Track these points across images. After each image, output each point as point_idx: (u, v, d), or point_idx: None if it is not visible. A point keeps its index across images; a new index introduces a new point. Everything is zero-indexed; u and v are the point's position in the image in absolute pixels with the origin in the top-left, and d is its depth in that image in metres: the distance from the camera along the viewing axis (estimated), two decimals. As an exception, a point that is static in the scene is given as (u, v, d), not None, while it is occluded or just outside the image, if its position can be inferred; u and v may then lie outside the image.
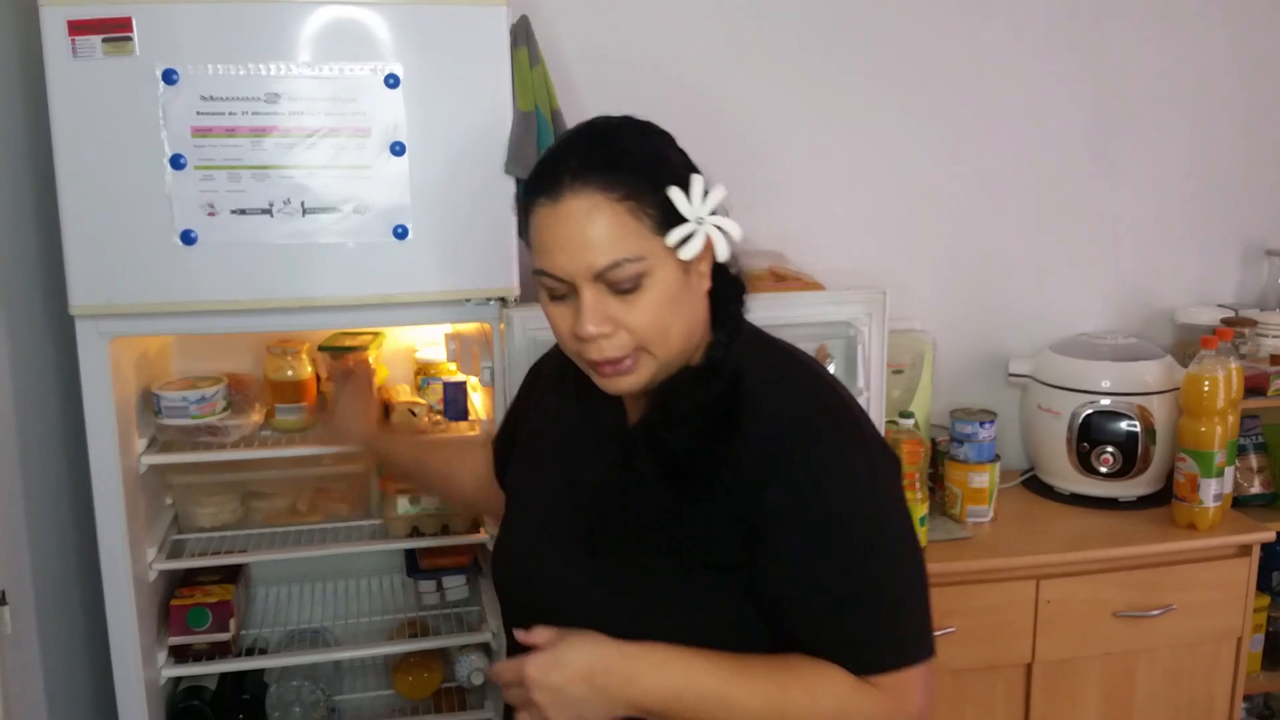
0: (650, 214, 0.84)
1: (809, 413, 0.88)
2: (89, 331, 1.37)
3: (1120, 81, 2.05)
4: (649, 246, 0.84)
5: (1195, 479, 1.76)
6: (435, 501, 1.63)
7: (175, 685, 1.64)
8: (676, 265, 0.86)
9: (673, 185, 0.85)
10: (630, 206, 0.84)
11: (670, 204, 0.84)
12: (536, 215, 0.86)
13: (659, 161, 0.87)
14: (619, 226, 0.83)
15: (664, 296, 0.86)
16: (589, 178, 0.83)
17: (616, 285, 0.84)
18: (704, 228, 0.86)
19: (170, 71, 1.31)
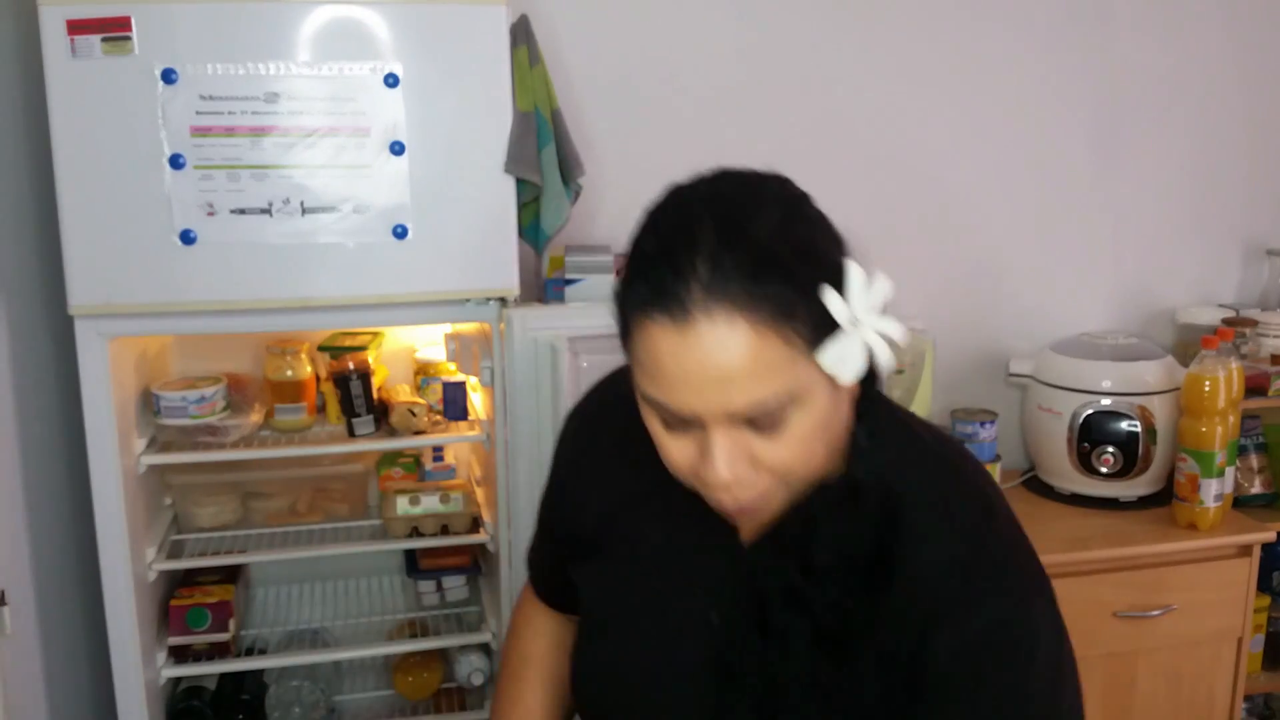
0: (801, 332, 0.65)
1: (983, 556, 0.72)
2: (88, 331, 1.37)
3: (1121, 81, 2.05)
4: (799, 374, 0.66)
5: (1196, 479, 1.76)
6: (435, 502, 1.63)
7: (175, 685, 1.64)
8: (828, 385, 0.68)
9: (826, 285, 0.66)
10: (778, 328, 0.64)
11: (824, 309, 0.66)
12: (651, 334, 0.66)
13: (809, 254, 0.67)
14: (765, 357, 0.64)
15: (812, 426, 0.68)
16: (726, 292, 0.63)
17: (758, 422, 0.67)
18: (864, 334, 0.67)
19: (169, 71, 1.31)
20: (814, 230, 0.70)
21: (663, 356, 0.65)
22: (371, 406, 1.58)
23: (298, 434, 1.61)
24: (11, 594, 1.29)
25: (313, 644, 1.66)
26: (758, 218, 0.67)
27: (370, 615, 1.75)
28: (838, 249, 0.70)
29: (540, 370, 1.47)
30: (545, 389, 1.47)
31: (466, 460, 1.86)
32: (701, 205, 0.69)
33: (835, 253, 0.69)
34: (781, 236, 0.66)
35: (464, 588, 1.79)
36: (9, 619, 1.27)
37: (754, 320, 0.63)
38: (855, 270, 0.68)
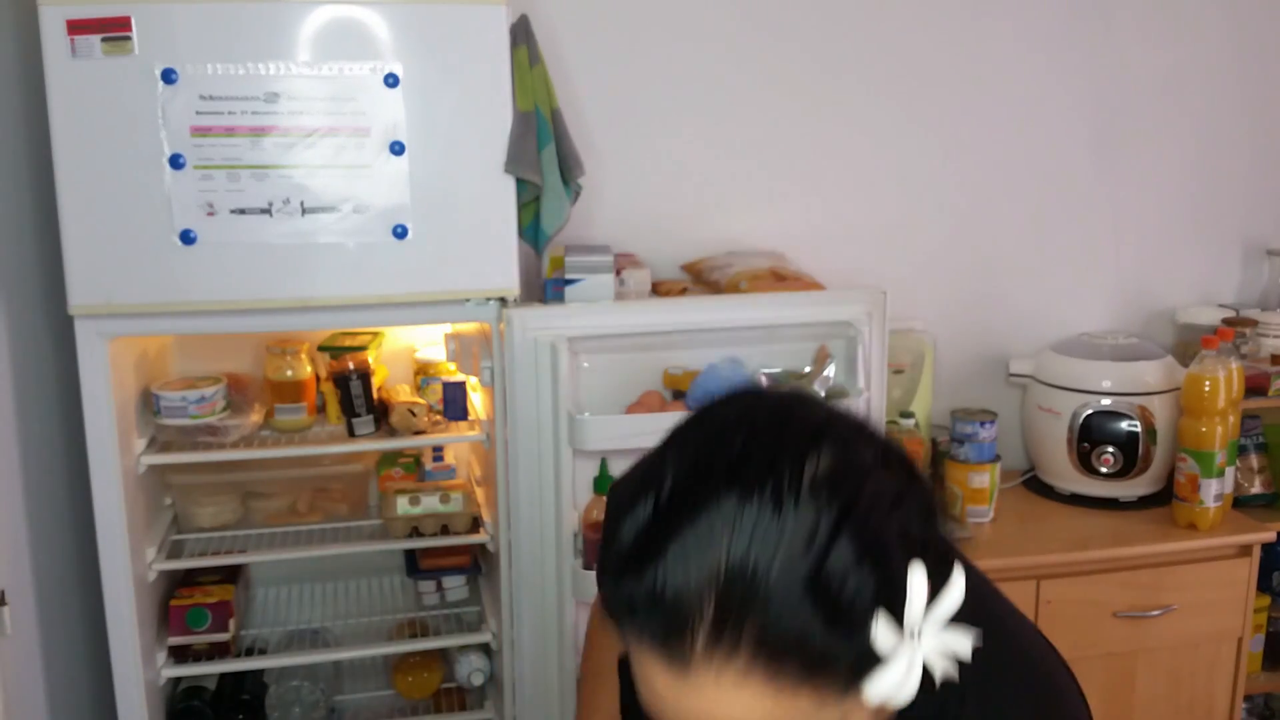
0: (842, 674, 0.53)
1: None
2: (88, 331, 1.37)
3: (1121, 81, 2.05)
4: (832, 716, 0.54)
5: (1196, 479, 1.76)
6: (435, 502, 1.63)
7: (175, 685, 1.64)
8: (871, 711, 0.55)
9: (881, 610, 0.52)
10: (811, 682, 0.52)
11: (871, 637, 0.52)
12: (645, 662, 0.55)
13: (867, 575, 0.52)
14: (787, 711, 0.53)
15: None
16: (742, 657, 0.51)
17: None
18: (923, 652, 0.53)
19: (169, 71, 1.31)
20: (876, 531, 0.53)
21: (659, 691, 0.54)
22: (371, 406, 1.58)
23: (298, 434, 1.61)
24: (11, 594, 1.29)
25: (313, 644, 1.66)
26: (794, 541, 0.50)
27: (370, 615, 1.75)
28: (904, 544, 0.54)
29: (540, 370, 1.47)
30: (545, 389, 1.48)
31: (466, 460, 1.86)
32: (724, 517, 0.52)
33: (898, 555, 0.53)
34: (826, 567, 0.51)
35: (464, 588, 1.79)
36: (8, 619, 1.27)
37: (778, 683, 0.51)
38: (918, 580, 0.53)
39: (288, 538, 1.65)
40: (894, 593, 0.52)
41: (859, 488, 0.53)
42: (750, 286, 1.63)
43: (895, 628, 0.51)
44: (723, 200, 1.90)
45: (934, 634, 0.53)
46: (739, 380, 1.52)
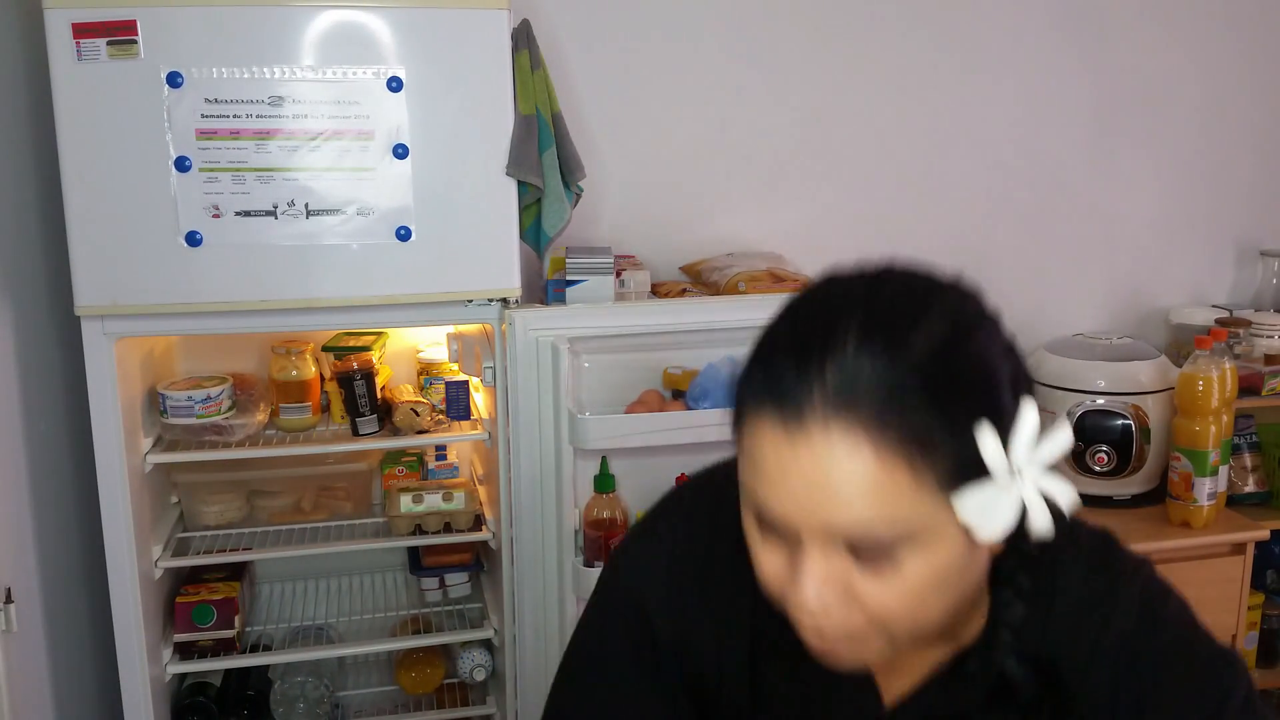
0: (938, 468, 0.55)
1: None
2: (94, 332, 1.38)
3: (1117, 82, 2.06)
4: (923, 512, 0.56)
5: (1189, 478, 1.78)
6: (438, 500, 1.64)
7: (180, 682, 1.66)
8: (961, 535, 0.57)
9: (986, 421, 0.55)
10: (909, 459, 0.55)
11: (975, 449, 0.55)
12: (761, 430, 0.58)
13: (969, 382, 0.57)
14: (884, 485, 0.55)
15: (929, 575, 0.57)
16: (852, 409, 0.54)
17: (861, 551, 0.57)
18: (1022, 488, 0.56)
19: (175, 74, 1.32)
20: (985, 358, 0.58)
21: (767, 457, 0.57)
22: (375, 406, 1.60)
23: (302, 433, 1.63)
24: (17, 591, 1.31)
25: (317, 640, 1.68)
26: (916, 329, 0.56)
27: (374, 612, 1.77)
28: (1013, 385, 0.58)
29: (542, 370, 1.49)
30: (546, 388, 1.49)
31: (469, 459, 1.87)
32: (853, 301, 0.58)
33: (1007, 388, 0.58)
34: (938, 356, 0.55)
35: (466, 584, 1.81)
36: (15, 617, 1.28)
37: (880, 445, 0.54)
38: (1030, 413, 0.57)
39: (292, 535, 1.67)
40: (1001, 414, 0.56)
41: (982, 317, 0.60)
42: (749, 288, 1.65)
43: (999, 447, 0.55)
44: (722, 203, 1.92)
45: (1036, 470, 0.56)
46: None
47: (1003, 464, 0.55)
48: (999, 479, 0.56)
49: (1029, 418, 0.57)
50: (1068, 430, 0.57)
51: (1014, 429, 0.57)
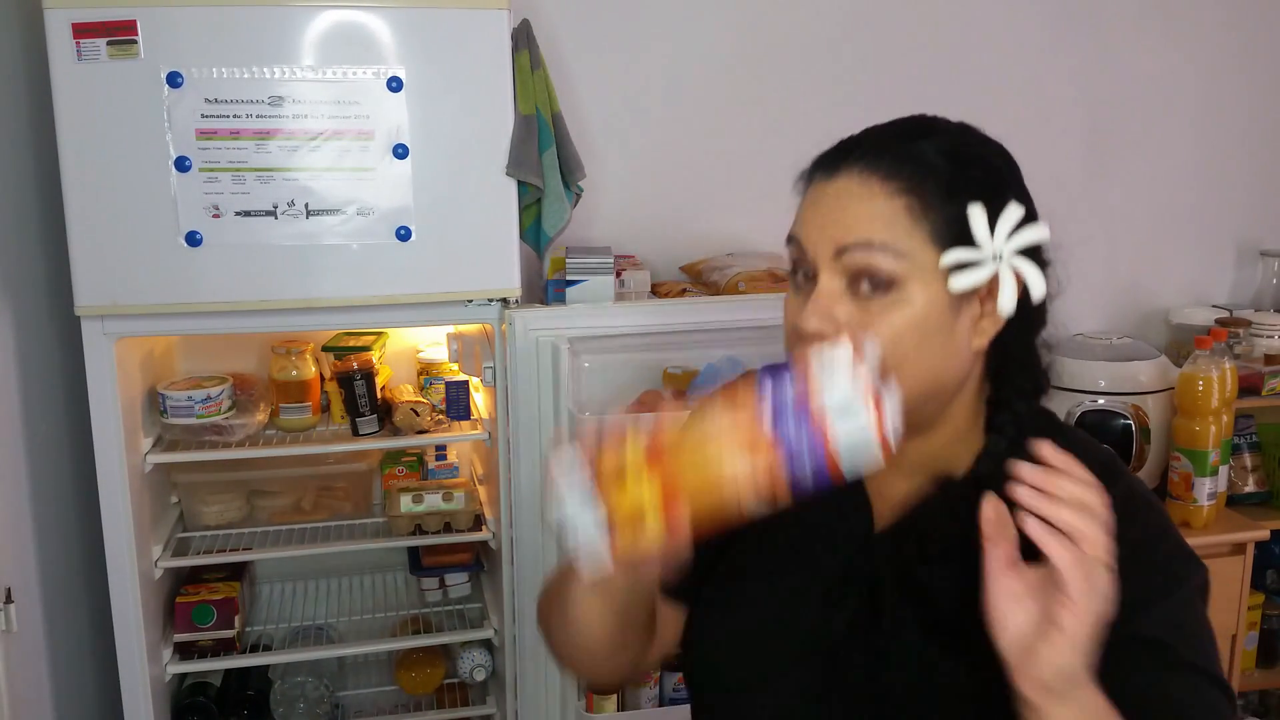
0: (934, 221, 0.68)
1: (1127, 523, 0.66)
2: (94, 332, 1.38)
3: (1116, 82, 2.06)
4: (915, 249, 0.68)
5: (1190, 478, 1.78)
6: (438, 500, 1.64)
7: (180, 682, 1.66)
8: (944, 293, 0.68)
9: (977, 201, 0.68)
10: (910, 203, 0.68)
11: (965, 223, 0.68)
12: (807, 193, 0.74)
13: (972, 171, 0.71)
14: (887, 215, 0.68)
15: (913, 319, 0.68)
16: (875, 163, 0.69)
17: (859, 277, 0.68)
18: (997, 264, 0.69)
19: (175, 74, 1.32)
20: (992, 163, 0.72)
21: (805, 202, 0.74)
22: (375, 406, 1.60)
23: (302, 433, 1.63)
24: (17, 592, 1.31)
25: (317, 640, 1.68)
26: (947, 132, 0.73)
27: (374, 612, 1.77)
28: (1012, 190, 0.72)
29: (542, 370, 1.49)
30: (547, 389, 1.49)
31: (469, 459, 1.87)
32: (898, 119, 0.74)
33: (1004, 187, 0.71)
34: (955, 146, 0.71)
35: (466, 585, 1.81)
36: (15, 617, 1.28)
37: (890, 186, 0.69)
38: (1015, 209, 0.69)
39: (292, 535, 1.67)
40: (993, 205, 0.69)
41: (1004, 153, 0.75)
42: (749, 287, 1.65)
43: (984, 223, 0.68)
44: (721, 203, 1.92)
45: (1013, 250, 0.69)
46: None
47: (985, 238, 0.68)
48: (981, 249, 0.69)
49: (1014, 212, 0.69)
50: (1045, 227, 0.70)
51: (1001, 215, 0.69)
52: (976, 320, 0.72)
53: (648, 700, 1.58)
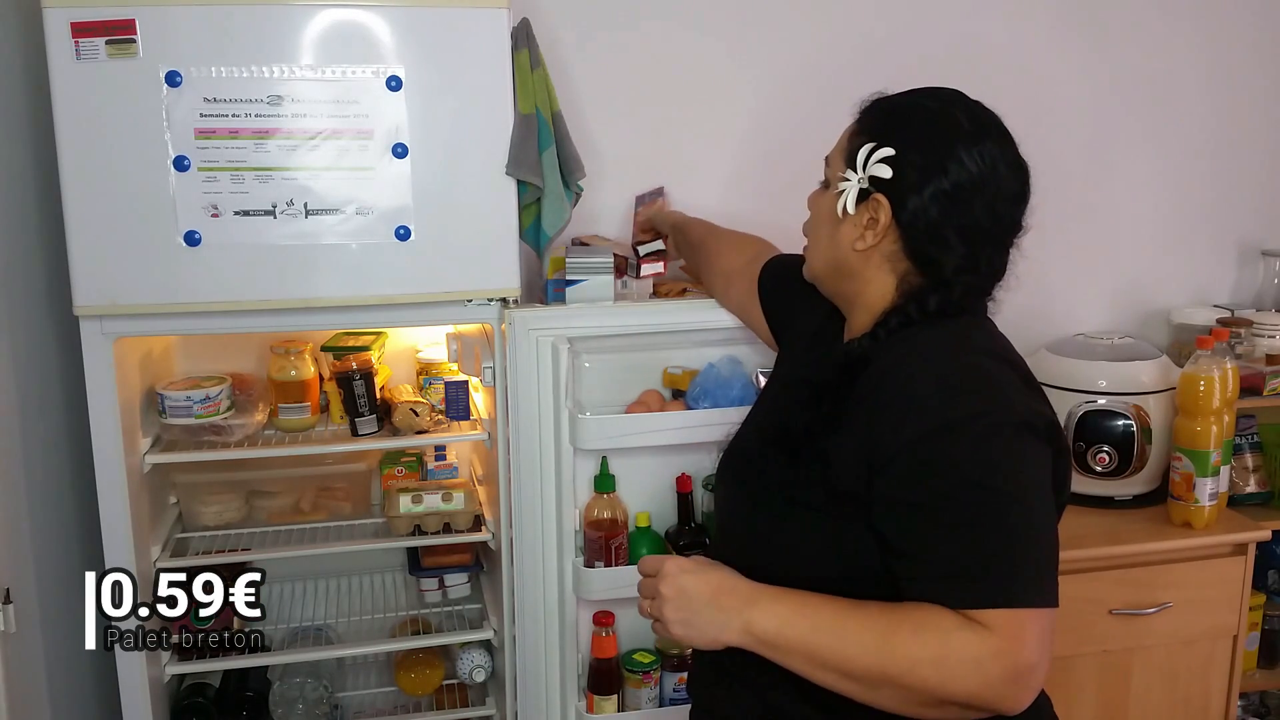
0: (852, 147, 0.99)
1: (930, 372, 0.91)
2: (93, 332, 1.38)
3: (1118, 82, 2.06)
4: (839, 166, 1.02)
5: (1191, 478, 1.78)
6: (437, 500, 1.64)
7: (179, 682, 1.65)
8: (834, 200, 1.01)
9: (875, 141, 0.97)
10: (853, 132, 1.01)
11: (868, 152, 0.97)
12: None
13: (902, 118, 0.98)
14: (843, 140, 1.03)
15: (819, 211, 1.05)
16: (862, 109, 1.04)
17: (825, 184, 1.05)
18: (850, 185, 0.99)
19: (173, 74, 1.32)
20: (912, 119, 0.98)
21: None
22: (374, 406, 1.60)
23: (301, 433, 1.62)
24: (15, 592, 1.31)
25: (316, 641, 1.68)
26: (911, 92, 1.02)
27: (373, 612, 1.77)
28: (911, 139, 0.96)
29: (542, 370, 1.48)
30: (546, 388, 1.49)
31: (468, 459, 1.87)
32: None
33: (905, 135, 0.97)
34: (897, 103, 1.01)
35: (466, 585, 1.80)
36: (13, 617, 1.28)
37: (856, 121, 1.03)
38: (884, 149, 0.96)
39: (291, 536, 1.66)
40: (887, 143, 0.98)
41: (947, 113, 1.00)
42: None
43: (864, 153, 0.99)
44: (722, 202, 1.92)
45: (865, 171, 0.98)
46: (738, 380, 1.53)
47: (860, 164, 0.99)
48: (856, 170, 0.99)
49: (881, 150, 0.97)
50: (887, 168, 0.96)
51: (874, 151, 0.98)
52: (862, 228, 0.98)
53: (648, 700, 1.58)
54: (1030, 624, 0.82)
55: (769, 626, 0.88)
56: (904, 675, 0.82)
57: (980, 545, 0.84)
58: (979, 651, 0.81)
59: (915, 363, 0.92)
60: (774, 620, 0.88)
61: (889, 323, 0.97)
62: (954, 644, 0.81)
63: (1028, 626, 0.82)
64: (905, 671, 0.82)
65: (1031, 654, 0.82)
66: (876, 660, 0.83)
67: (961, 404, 0.87)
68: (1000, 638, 0.81)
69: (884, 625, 0.84)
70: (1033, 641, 0.82)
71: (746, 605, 0.89)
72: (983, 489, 0.84)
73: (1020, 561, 0.84)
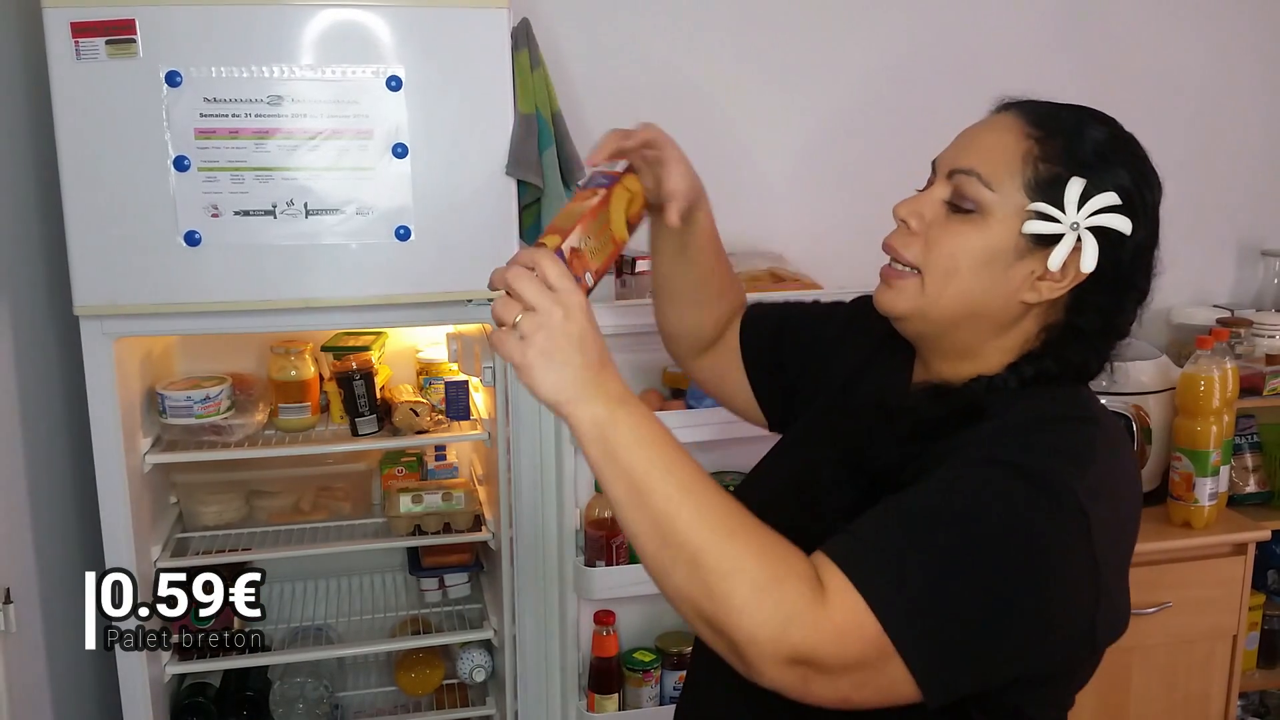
0: (1040, 171, 0.78)
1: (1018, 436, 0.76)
2: (93, 332, 1.38)
3: (1116, 82, 2.06)
4: (1007, 189, 0.78)
5: (1191, 478, 1.78)
6: (437, 500, 1.64)
7: (180, 682, 1.66)
8: (1015, 237, 0.78)
9: (1085, 178, 0.77)
10: (1031, 149, 0.79)
11: (1061, 187, 0.77)
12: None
13: (1100, 155, 0.79)
14: (1003, 150, 0.80)
15: (978, 247, 0.79)
16: (1032, 113, 0.82)
17: (958, 196, 0.81)
18: (1062, 229, 0.77)
19: (173, 74, 1.32)
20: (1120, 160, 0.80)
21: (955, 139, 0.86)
22: (374, 406, 1.60)
23: (301, 433, 1.62)
24: (16, 592, 1.31)
25: (316, 641, 1.68)
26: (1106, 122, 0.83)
27: (373, 612, 1.77)
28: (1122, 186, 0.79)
29: (541, 370, 1.48)
30: (546, 389, 1.49)
31: (468, 459, 1.87)
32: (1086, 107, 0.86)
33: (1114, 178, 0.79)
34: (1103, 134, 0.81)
35: (466, 585, 1.81)
36: (14, 617, 1.28)
37: (1034, 126, 0.80)
38: (1108, 195, 0.77)
39: (292, 536, 1.66)
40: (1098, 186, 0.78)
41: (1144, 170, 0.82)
42: (749, 287, 1.64)
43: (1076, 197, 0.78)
44: (722, 202, 1.91)
45: (1085, 223, 0.78)
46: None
47: (1072, 205, 0.77)
48: (1064, 214, 0.77)
49: (1105, 196, 0.77)
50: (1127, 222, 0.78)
51: (1090, 191, 0.77)
52: (1037, 277, 0.79)
53: (648, 699, 1.58)
54: (868, 620, 0.67)
55: (625, 424, 0.73)
56: (713, 571, 0.69)
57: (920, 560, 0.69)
58: (797, 610, 0.68)
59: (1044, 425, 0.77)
60: (633, 423, 0.73)
61: (1024, 371, 0.81)
62: (786, 587, 0.68)
63: (863, 619, 0.67)
64: (719, 570, 0.69)
65: (835, 657, 0.68)
66: (701, 540, 0.70)
67: (1055, 465, 0.73)
68: (828, 618, 0.67)
69: (739, 522, 0.71)
70: (858, 636, 0.67)
71: (600, 370, 0.74)
72: (978, 534, 0.70)
73: (934, 599, 0.69)
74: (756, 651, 0.69)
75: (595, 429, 0.74)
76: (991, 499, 0.71)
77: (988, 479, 0.72)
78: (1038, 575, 0.70)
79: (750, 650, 0.69)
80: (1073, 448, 0.75)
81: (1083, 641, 0.75)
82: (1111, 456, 0.78)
